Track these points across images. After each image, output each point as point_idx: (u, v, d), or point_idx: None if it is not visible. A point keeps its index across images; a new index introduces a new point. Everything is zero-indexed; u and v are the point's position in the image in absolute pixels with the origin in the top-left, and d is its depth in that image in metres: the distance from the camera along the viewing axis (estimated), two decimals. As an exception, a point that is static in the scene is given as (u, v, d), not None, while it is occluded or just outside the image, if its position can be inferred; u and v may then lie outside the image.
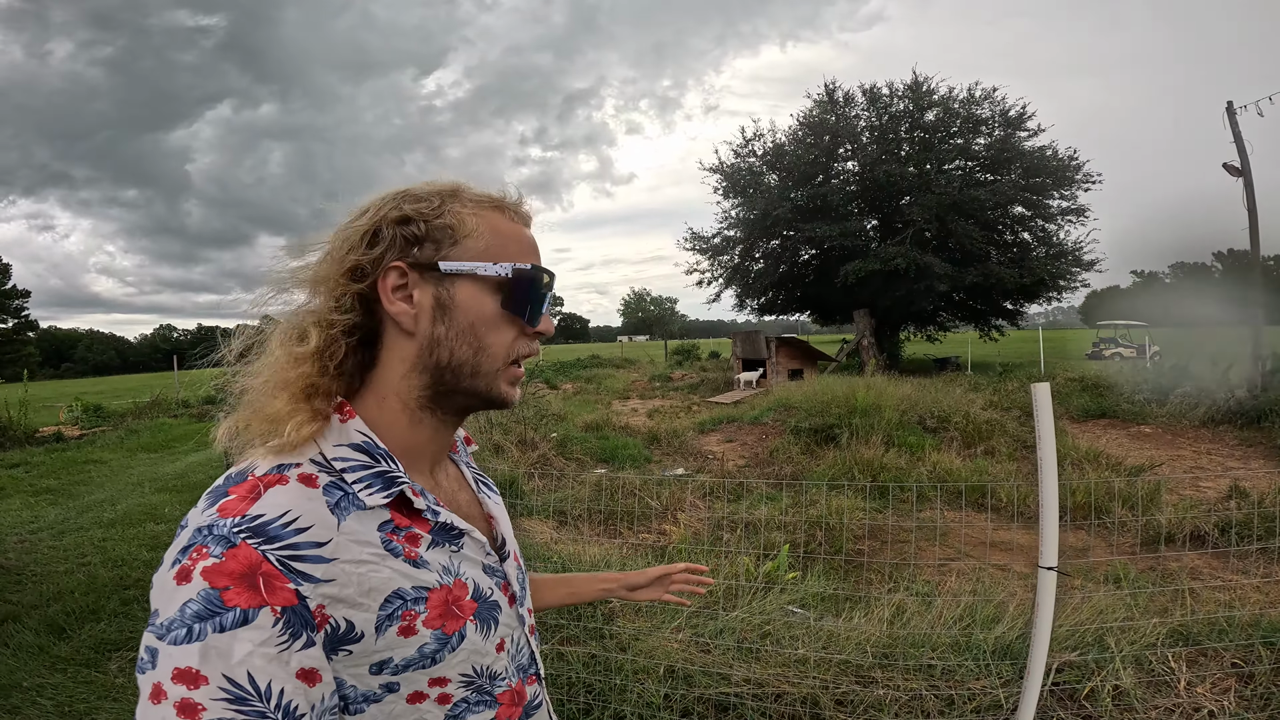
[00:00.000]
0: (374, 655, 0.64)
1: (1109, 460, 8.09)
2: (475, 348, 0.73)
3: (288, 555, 0.59)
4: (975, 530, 5.74)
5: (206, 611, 0.55)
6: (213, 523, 0.59)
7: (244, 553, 0.57)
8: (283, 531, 0.60)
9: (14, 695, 3.14)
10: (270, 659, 0.56)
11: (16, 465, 9.51)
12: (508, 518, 0.91)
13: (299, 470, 0.66)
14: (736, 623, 2.88)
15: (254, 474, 0.65)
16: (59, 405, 16.17)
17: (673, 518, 5.76)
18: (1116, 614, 2.97)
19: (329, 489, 0.66)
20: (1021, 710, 1.73)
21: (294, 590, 0.58)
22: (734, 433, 11.06)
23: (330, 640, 0.61)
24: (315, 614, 0.60)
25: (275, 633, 0.57)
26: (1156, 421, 10.72)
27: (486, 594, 0.75)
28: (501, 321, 0.75)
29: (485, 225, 0.75)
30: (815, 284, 25.22)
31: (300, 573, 0.59)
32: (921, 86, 22.61)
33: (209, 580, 0.56)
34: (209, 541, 0.58)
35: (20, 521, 6.45)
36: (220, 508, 0.61)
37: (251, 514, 0.60)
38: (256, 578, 0.57)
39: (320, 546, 0.61)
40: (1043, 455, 1.70)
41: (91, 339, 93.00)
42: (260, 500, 0.62)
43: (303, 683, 0.58)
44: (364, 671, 0.64)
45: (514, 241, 0.76)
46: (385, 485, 0.68)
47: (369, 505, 0.66)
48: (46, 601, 4.25)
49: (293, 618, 0.58)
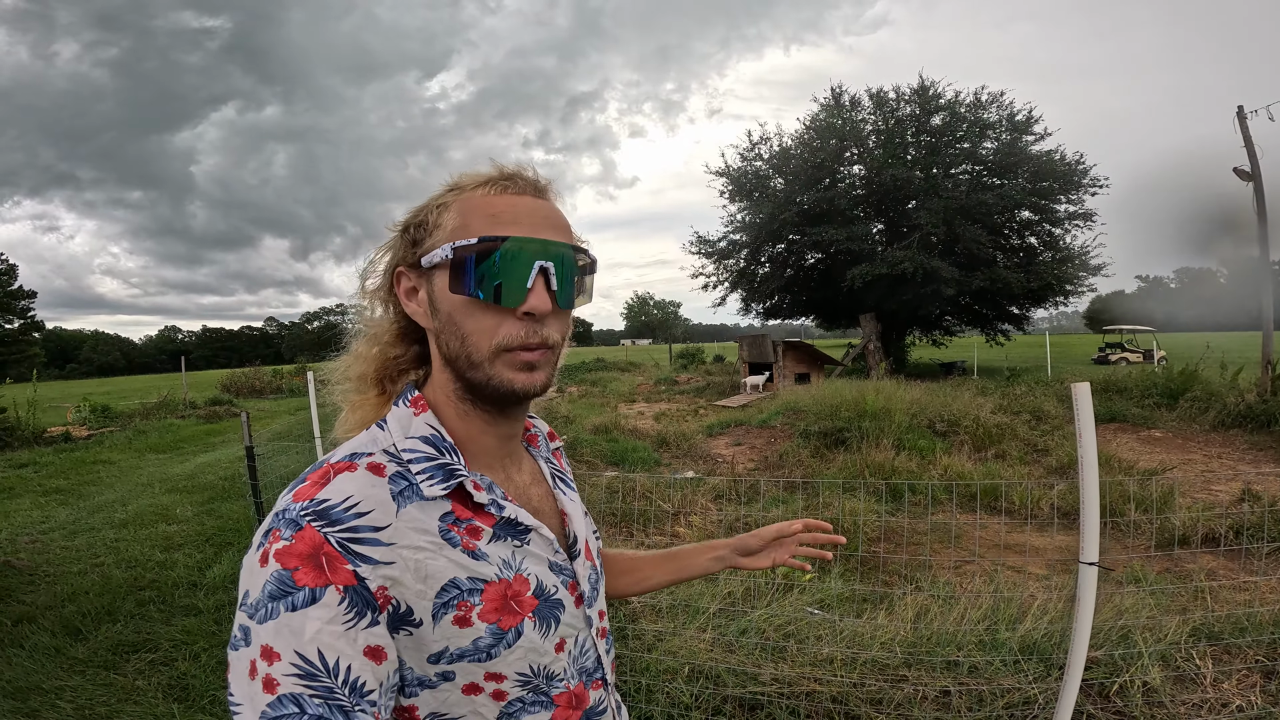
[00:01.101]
0: (431, 643, 0.64)
1: (1121, 464, 8.04)
2: (459, 338, 0.71)
3: (347, 538, 0.61)
4: (989, 533, 5.71)
5: (280, 591, 0.57)
6: (287, 507, 0.63)
7: (309, 534, 0.60)
8: (344, 515, 0.62)
9: (32, 698, 3.12)
10: (338, 635, 0.58)
11: (25, 465, 9.53)
12: (587, 518, 0.90)
13: (369, 459, 0.68)
14: (759, 622, 2.87)
15: (329, 462, 0.68)
16: (66, 405, 16.22)
17: (685, 520, 5.73)
18: (1140, 613, 2.96)
19: (395, 478, 0.68)
20: (1061, 705, 1.71)
21: (353, 571, 0.60)
22: (742, 436, 11.03)
23: (393, 620, 0.62)
24: (377, 594, 0.61)
25: (341, 610, 0.58)
26: (1166, 426, 10.67)
27: (550, 592, 0.74)
28: (472, 306, 0.70)
29: (460, 208, 0.72)
30: (821, 288, 25.19)
31: (359, 554, 0.61)
32: (928, 90, 22.64)
33: (280, 562, 0.58)
34: (282, 525, 0.61)
35: (31, 521, 6.46)
36: (295, 493, 0.64)
37: (318, 498, 0.63)
38: (320, 558, 0.59)
39: (379, 531, 0.63)
40: (1084, 453, 1.69)
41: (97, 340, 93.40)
42: (328, 486, 0.64)
43: (370, 660, 0.60)
44: (422, 658, 0.65)
45: (479, 216, 0.71)
46: (445, 477, 0.69)
47: (428, 496, 0.67)
48: (61, 602, 4.24)
49: (355, 597, 0.59)
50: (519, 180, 0.75)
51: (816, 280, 25.40)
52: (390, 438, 0.71)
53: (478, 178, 0.75)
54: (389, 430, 0.72)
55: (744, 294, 26.55)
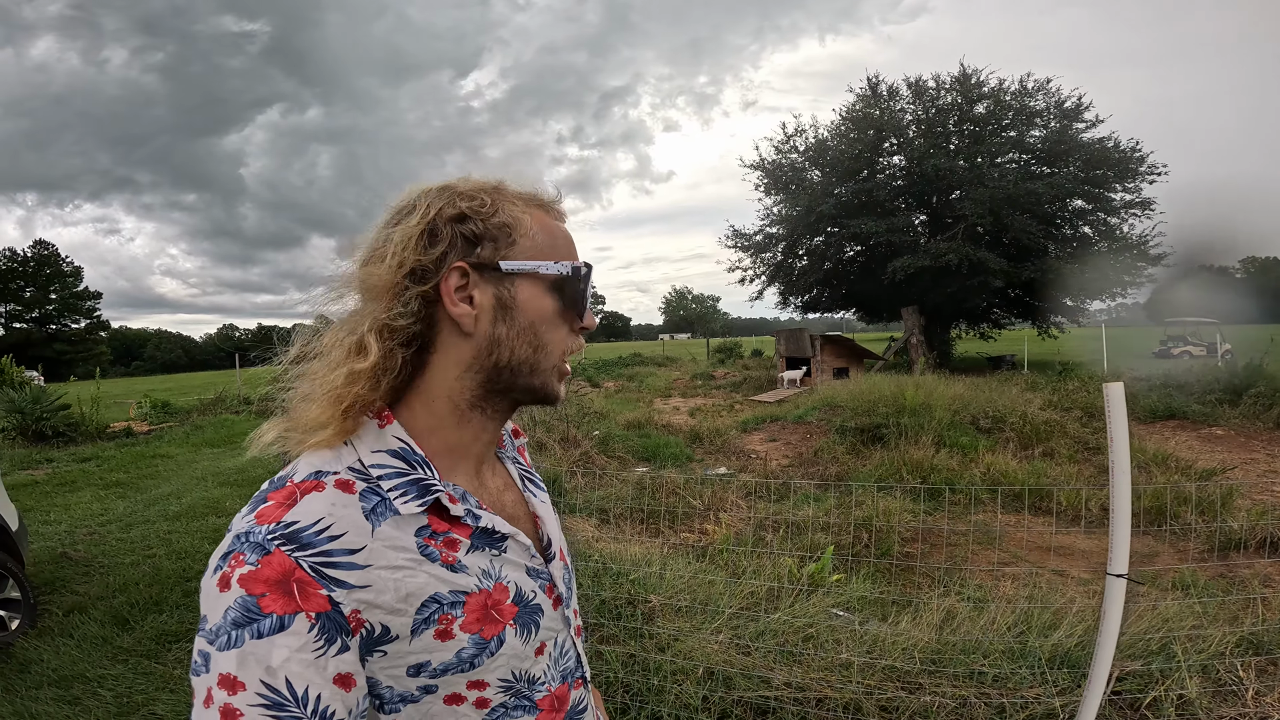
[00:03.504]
0: (410, 657, 0.64)
1: (1178, 463, 7.69)
2: (535, 346, 0.74)
3: (321, 562, 0.60)
4: (1033, 534, 5.52)
5: (244, 618, 0.56)
6: (250, 529, 0.60)
7: (278, 559, 0.58)
8: (316, 539, 0.60)
9: (75, 686, 3.25)
10: (307, 664, 0.57)
11: (88, 459, 10.00)
12: (555, 517, 0.89)
13: (336, 477, 0.66)
14: (778, 625, 2.82)
15: (292, 480, 0.65)
16: (129, 402, 16.97)
17: (714, 517, 5.70)
18: (1184, 622, 2.82)
19: (365, 495, 0.66)
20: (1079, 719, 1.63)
21: (327, 596, 0.59)
22: (777, 432, 10.91)
23: (365, 643, 0.61)
24: (350, 619, 0.60)
25: (311, 638, 0.57)
26: (1228, 423, 10.15)
27: (529, 597, 0.74)
28: (558, 319, 0.76)
29: (537, 223, 0.75)
30: (861, 281, 24.68)
31: (333, 579, 0.60)
32: (970, 79, 21.92)
33: (245, 587, 0.57)
34: (245, 549, 0.59)
35: (90, 514, 6.77)
36: (258, 514, 0.62)
37: (286, 520, 0.61)
38: (290, 584, 0.58)
39: (353, 554, 0.62)
40: (1115, 458, 1.61)
41: (160, 338, 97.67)
42: (296, 507, 0.62)
43: (339, 688, 0.58)
44: (400, 673, 0.64)
45: (562, 239, 0.78)
46: (420, 493, 0.67)
47: (403, 513, 0.66)
48: (112, 593, 4.42)
49: (328, 623, 0.58)
50: (561, 210, 0.81)
51: (856, 273, 24.90)
52: (355, 452, 0.68)
53: (531, 195, 0.77)
54: (352, 445, 0.69)
55: (781, 287, 26.23)
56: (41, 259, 66.02)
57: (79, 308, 67.90)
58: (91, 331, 69.48)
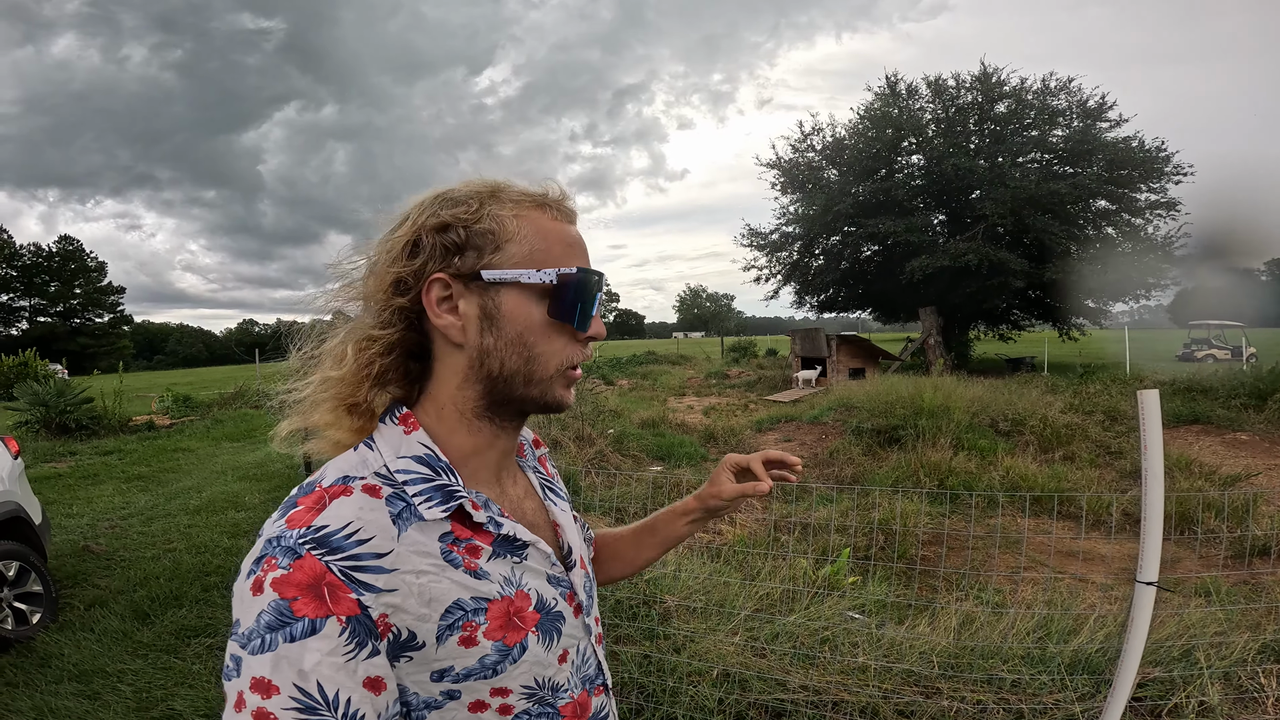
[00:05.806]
0: (434, 663, 0.64)
1: (1201, 469, 7.55)
2: (526, 357, 0.72)
3: (350, 566, 0.60)
4: (1051, 539, 5.45)
5: (277, 622, 0.56)
6: (281, 534, 0.61)
7: (309, 564, 0.59)
8: (345, 543, 0.61)
9: (95, 681, 3.28)
10: (338, 668, 0.57)
11: (111, 453, 10.17)
12: (575, 525, 0.89)
13: (363, 482, 0.67)
14: (794, 627, 2.81)
15: (321, 485, 0.66)
16: (151, 395, 17.24)
17: (729, 518, 5.68)
18: (1207, 629, 2.78)
19: (391, 500, 0.66)
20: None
21: (356, 600, 0.59)
22: (792, 432, 10.86)
23: (393, 647, 0.62)
24: (378, 623, 0.60)
25: (342, 642, 0.57)
26: (1254, 428, 9.96)
27: (550, 605, 0.74)
28: (550, 329, 0.72)
29: (528, 228, 0.72)
30: (878, 280, 24.51)
31: (362, 583, 0.60)
32: (991, 78, 21.74)
33: (278, 591, 0.57)
34: (277, 553, 0.59)
35: (112, 507, 6.88)
36: (289, 519, 0.62)
37: (316, 525, 0.61)
38: (322, 588, 0.58)
39: (381, 557, 0.62)
40: (1149, 465, 1.59)
41: (181, 333, 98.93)
42: (325, 511, 0.63)
43: (369, 691, 0.59)
44: (425, 678, 0.64)
45: (558, 243, 0.73)
46: (444, 499, 0.68)
47: (427, 519, 0.67)
48: (133, 587, 4.47)
49: (358, 627, 0.59)
50: (568, 210, 0.77)
51: (873, 273, 24.73)
52: (381, 458, 0.69)
53: (529, 196, 0.74)
54: (378, 450, 0.70)
55: (797, 287, 26.13)
56: (66, 254, 67.19)
57: (102, 302, 69.09)
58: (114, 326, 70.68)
